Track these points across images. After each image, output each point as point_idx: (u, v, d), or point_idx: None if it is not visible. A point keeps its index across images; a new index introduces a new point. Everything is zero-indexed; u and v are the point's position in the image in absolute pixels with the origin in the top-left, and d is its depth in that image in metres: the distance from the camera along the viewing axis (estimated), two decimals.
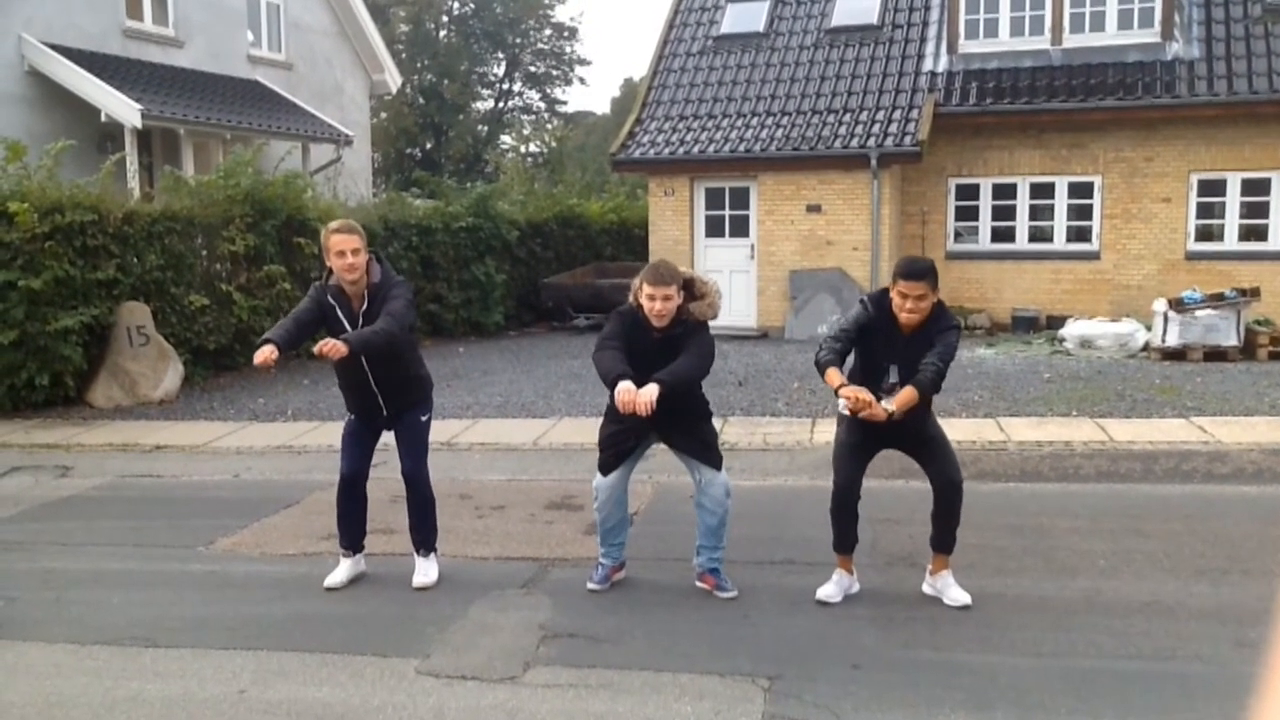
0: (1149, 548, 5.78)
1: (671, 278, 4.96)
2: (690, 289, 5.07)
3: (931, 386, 4.76)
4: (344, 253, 5.13)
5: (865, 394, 4.67)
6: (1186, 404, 9.59)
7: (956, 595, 4.98)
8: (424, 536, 5.60)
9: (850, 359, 5.02)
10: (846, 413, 5.01)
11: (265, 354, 4.93)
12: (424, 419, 5.53)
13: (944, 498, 4.98)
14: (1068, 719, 3.84)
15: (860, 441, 5.04)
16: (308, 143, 17.83)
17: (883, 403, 4.69)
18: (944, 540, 5.06)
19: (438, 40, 42.13)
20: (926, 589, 5.14)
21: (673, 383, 4.82)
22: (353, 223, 5.28)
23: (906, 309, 4.76)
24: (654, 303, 4.93)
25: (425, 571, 5.53)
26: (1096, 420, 8.99)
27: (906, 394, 4.71)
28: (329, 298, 5.28)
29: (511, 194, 19.00)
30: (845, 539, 5.12)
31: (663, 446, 5.39)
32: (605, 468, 5.25)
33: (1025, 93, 15.14)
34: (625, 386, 4.76)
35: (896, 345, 4.85)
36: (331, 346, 4.86)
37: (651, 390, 4.73)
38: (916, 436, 4.95)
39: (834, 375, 4.78)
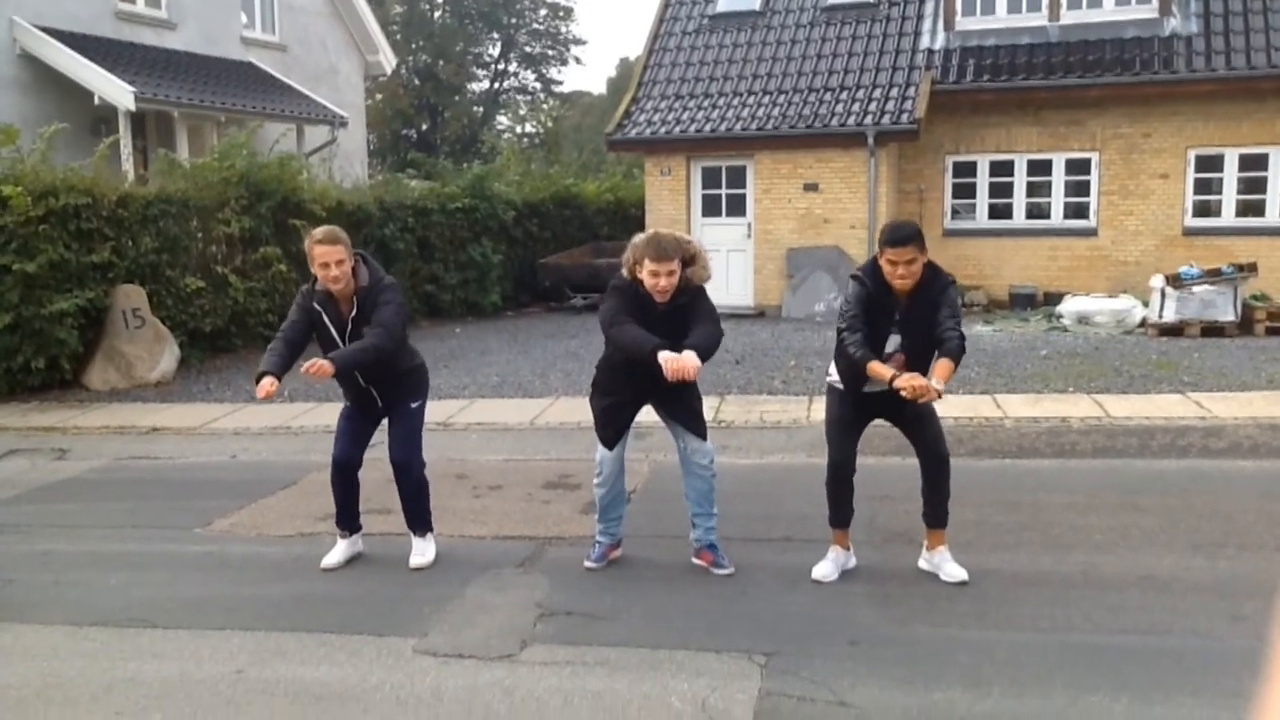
0: (1145, 523, 5.78)
1: (675, 250, 4.89)
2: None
3: (960, 351, 4.75)
4: (328, 264, 5.08)
5: (920, 380, 4.61)
6: (1183, 379, 9.59)
7: (953, 571, 4.98)
8: (418, 520, 5.59)
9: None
10: (840, 387, 5.01)
11: (266, 388, 4.93)
12: (415, 406, 5.50)
13: (931, 471, 4.98)
14: (1064, 693, 3.85)
15: (853, 416, 5.04)
16: (302, 124, 17.74)
17: (933, 383, 4.64)
18: (937, 515, 5.05)
19: (432, 21, 41.93)
20: (923, 565, 5.15)
21: (704, 350, 4.81)
22: (336, 231, 5.20)
23: (899, 275, 4.73)
24: (658, 279, 4.87)
25: (422, 551, 5.53)
26: (1093, 396, 9.00)
27: (944, 367, 4.69)
28: (315, 304, 5.23)
29: (508, 175, 18.90)
30: (841, 514, 5.12)
31: (656, 422, 5.38)
32: (609, 442, 5.24)
33: (1023, 70, 15.07)
34: (670, 355, 4.71)
35: (895, 313, 4.84)
36: (318, 368, 4.85)
37: (693, 357, 4.71)
38: (907, 409, 4.92)
39: (880, 369, 4.70)
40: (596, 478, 5.34)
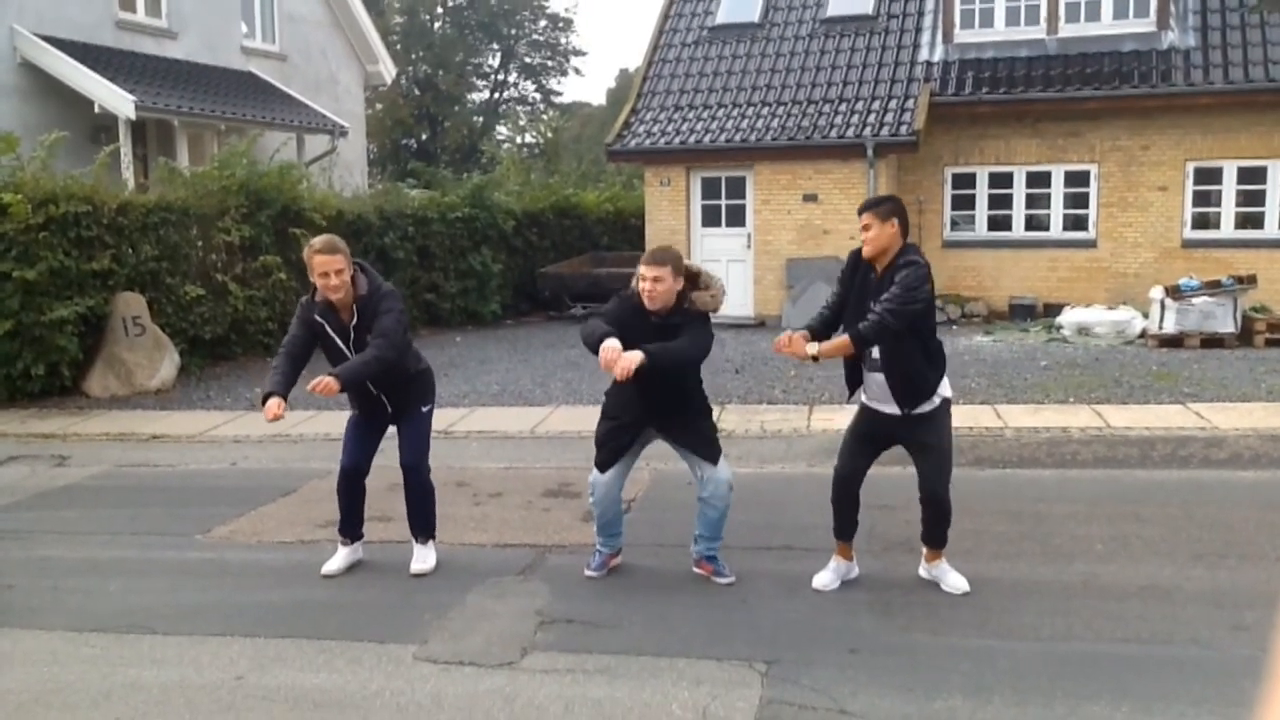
0: (1146, 533, 5.78)
1: (665, 259, 4.92)
2: (695, 281, 5.05)
3: (865, 338, 4.65)
4: (327, 274, 5.08)
5: (784, 336, 4.76)
6: (1183, 390, 9.60)
7: (955, 582, 4.98)
8: (422, 526, 5.59)
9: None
10: (862, 399, 5.01)
11: (273, 409, 4.96)
12: (425, 409, 5.54)
13: (924, 504, 4.96)
14: (1065, 702, 3.85)
15: (867, 432, 5.01)
16: (302, 134, 17.77)
17: (809, 348, 4.71)
18: (932, 539, 5.04)
19: (432, 31, 42.00)
20: (923, 574, 5.14)
21: (660, 356, 4.73)
22: (335, 240, 5.20)
23: (863, 241, 4.83)
24: (645, 283, 4.91)
25: (423, 558, 5.53)
26: (1094, 407, 9.00)
27: (836, 343, 4.75)
28: (317, 315, 5.24)
29: (508, 184, 18.93)
30: (844, 525, 5.11)
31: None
32: (603, 465, 5.23)
33: (1021, 82, 15.11)
34: (611, 345, 4.70)
35: (872, 288, 4.84)
36: (324, 385, 4.87)
37: (635, 355, 4.66)
38: (921, 438, 4.89)
39: (788, 334, 4.84)
40: (590, 498, 5.34)
